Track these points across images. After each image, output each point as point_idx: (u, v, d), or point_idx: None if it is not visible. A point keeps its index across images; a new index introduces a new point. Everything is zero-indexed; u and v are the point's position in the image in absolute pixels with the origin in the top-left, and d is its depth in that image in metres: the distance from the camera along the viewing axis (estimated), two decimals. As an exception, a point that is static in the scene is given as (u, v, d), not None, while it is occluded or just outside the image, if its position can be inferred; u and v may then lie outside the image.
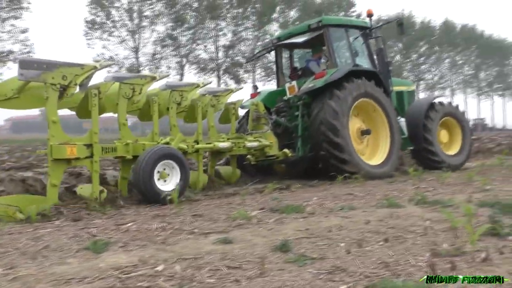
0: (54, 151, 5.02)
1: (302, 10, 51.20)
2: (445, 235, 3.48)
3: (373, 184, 7.07)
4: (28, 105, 5.92)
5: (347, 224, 3.92)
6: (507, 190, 5.90)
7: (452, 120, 10.00)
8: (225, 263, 2.84)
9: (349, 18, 9.65)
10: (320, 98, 7.99)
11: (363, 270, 2.66)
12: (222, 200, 5.83)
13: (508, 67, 76.86)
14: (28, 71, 4.88)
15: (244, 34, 49.39)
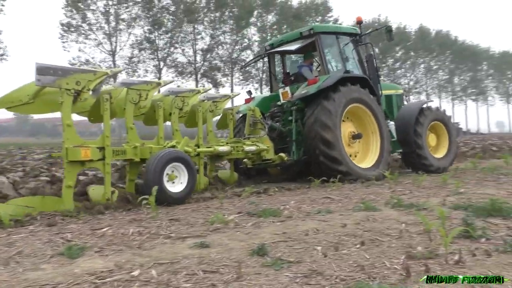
0: (69, 154, 5.21)
1: (280, 15, 51.44)
2: (420, 238, 3.53)
3: (350, 188, 7.12)
4: (42, 110, 6.09)
5: (324, 228, 3.94)
6: (480, 193, 6.01)
7: (440, 124, 10.35)
8: (202, 268, 2.83)
9: (339, 25, 10.12)
10: (313, 103, 8.19)
11: (339, 273, 2.68)
12: (199, 204, 5.80)
13: (481, 73, 78.42)
14: (45, 77, 5.07)
15: (222, 38, 49.39)
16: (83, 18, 41.85)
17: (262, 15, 52.03)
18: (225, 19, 48.75)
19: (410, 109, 10.08)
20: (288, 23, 51.39)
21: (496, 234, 3.55)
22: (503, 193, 5.92)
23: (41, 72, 5.05)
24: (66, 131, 5.30)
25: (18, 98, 5.55)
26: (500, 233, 3.61)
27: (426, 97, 68.34)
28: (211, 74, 48.32)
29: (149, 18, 43.87)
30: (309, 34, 8.95)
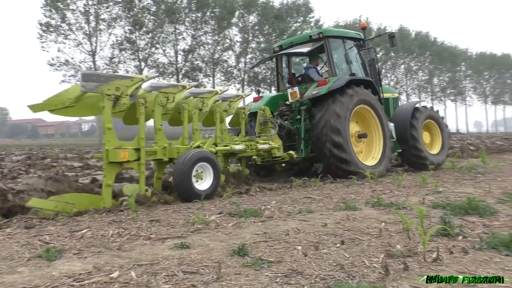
0: (110, 155, 5.55)
1: (262, 15, 51.52)
2: (399, 237, 3.57)
3: (331, 188, 7.16)
4: (82, 113, 6.45)
5: (305, 227, 3.96)
6: (458, 192, 6.10)
7: (432, 122, 10.89)
8: (182, 268, 2.82)
9: (345, 30, 10.56)
10: (323, 103, 8.56)
11: (319, 272, 2.69)
12: (180, 204, 5.77)
13: (459, 73, 79.56)
14: (89, 83, 5.42)
15: (203, 38, 49.27)
16: (62, 18, 41.29)
17: (244, 15, 52.05)
18: (207, 20, 48.65)
19: (405, 109, 10.50)
20: (270, 24, 51.49)
21: (473, 232, 3.61)
22: (480, 191, 6.03)
23: (85, 79, 5.43)
24: (107, 134, 5.63)
25: (60, 101, 5.77)
26: (477, 230, 3.68)
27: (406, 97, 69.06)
28: (192, 75, 48.13)
29: (130, 18, 43.51)
30: (318, 37, 9.33)
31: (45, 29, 41.04)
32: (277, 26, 51.60)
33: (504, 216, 4.27)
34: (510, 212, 4.42)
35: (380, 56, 63.27)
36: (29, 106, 5.94)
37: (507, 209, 4.60)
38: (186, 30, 47.99)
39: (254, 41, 53.28)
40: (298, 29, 54.08)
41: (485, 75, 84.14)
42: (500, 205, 4.86)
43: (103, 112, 5.59)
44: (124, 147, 5.74)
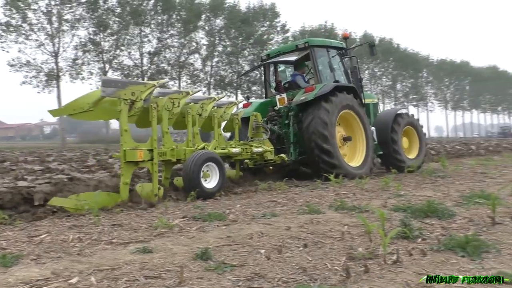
0: (127, 155, 5.94)
1: (228, 19, 51.52)
2: (361, 239, 3.63)
3: (295, 191, 7.21)
4: (100, 117, 6.94)
5: (269, 231, 3.97)
6: (419, 195, 6.24)
7: (411, 129, 11.49)
8: (144, 273, 2.79)
9: (329, 40, 11.28)
10: (310, 109, 9.04)
11: (282, 275, 2.70)
12: (143, 209, 5.69)
13: (421, 79, 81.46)
14: (108, 88, 5.86)
15: (169, 41, 48.86)
16: (23, 18, 40.16)
17: (210, 19, 51.92)
18: (173, 22, 48.29)
19: (387, 115, 11.12)
20: (236, 28, 51.52)
21: (432, 234, 3.70)
22: (439, 195, 6.18)
23: (105, 84, 5.89)
24: (124, 136, 6.02)
25: (79, 106, 6.10)
26: (435, 233, 3.77)
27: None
28: (158, 78, 47.62)
29: (94, 19, 42.73)
30: (304, 46, 9.88)
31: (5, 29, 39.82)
32: (243, 30, 51.67)
33: (461, 218, 4.39)
34: (467, 215, 4.55)
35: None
36: (49, 111, 6.32)
37: (464, 212, 4.73)
38: (152, 32, 47.50)
39: (220, 44, 53.22)
40: (265, 34, 54.37)
41: (446, 81, 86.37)
42: (458, 207, 4.99)
43: (120, 115, 6.00)
44: (140, 148, 6.15)
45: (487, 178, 8.52)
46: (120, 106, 6.01)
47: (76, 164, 11.40)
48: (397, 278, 2.62)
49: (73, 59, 42.26)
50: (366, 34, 67.50)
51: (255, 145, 8.64)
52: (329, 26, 61.95)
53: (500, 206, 4.73)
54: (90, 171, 9.17)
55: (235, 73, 53.35)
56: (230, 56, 52.96)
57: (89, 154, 18.15)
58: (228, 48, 53.03)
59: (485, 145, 24.03)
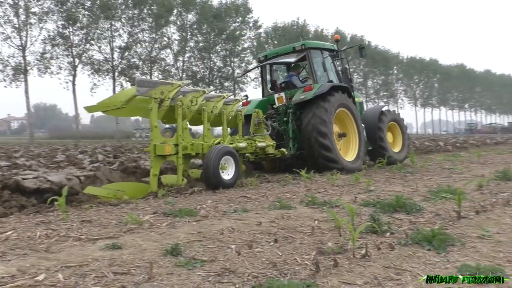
0: (157, 149, 6.54)
1: (200, 14, 51.19)
2: (330, 234, 3.67)
3: (267, 187, 7.24)
4: (131, 114, 7.53)
5: (240, 226, 3.97)
6: (388, 190, 6.35)
7: (395, 124, 12.30)
8: (112, 269, 2.75)
9: (323, 42, 11.91)
10: (309, 107, 9.64)
11: (252, 270, 2.71)
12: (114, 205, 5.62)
13: (391, 77, 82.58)
14: (142, 88, 6.43)
15: (140, 35, 48.23)
16: (-12, 10, 39.05)
17: (182, 14, 51.50)
18: (144, 17, 47.66)
19: (373, 112, 11.85)
20: (209, 23, 51.24)
21: (400, 228, 3.77)
22: (408, 190, 6.30)
23: (139, 84, 6.45)
24: (154, 131, 6.64)
25: (113, 103, 6.64)
26: (403, 227, 3.84)
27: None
28: (129, 73, 47.01)
29: (63, 12, 41.80)
30: (301, 49, 10.50)
31: (-32, 21, 38.64)
32: (215, 26, 51.45)
33: (428, 213, 4.48)
34: (434, 209, 4.65)
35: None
36: (85, 107, 6.86)
37: (431, 206, 4.83)
38: (123, 27, 46.76)
39: (192, 40, 52.86)
40: (237, 29, 54.22)
41: (415, 79, 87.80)
42: (426, 202, 5.10)
43: (150, 112, 6.54)
44: (167, 143, 6.76)
45: (454, 173, 8.72)
46: (151, 104, 6.57)
47: (45, 160, 11.17)
48: (366, 272, 2.66)
49: (41, 53, 41.28)
50: (338, 31, 67.97)
51: (258, 140, 9.18)
52: (301, 23, 62.13)
53: (466, 200, 4.85)
54: (59, 167, 9.00)
55: (207, 68, 53.09)
56: (202, 52, 52.65)
57: (58, 150, 17.83)
58: (200, 43, 52.72)
59: (452, 142, 24.57)
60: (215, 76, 53.14)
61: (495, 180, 7.16)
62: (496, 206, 4.76)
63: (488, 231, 3.60)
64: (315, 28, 64.39)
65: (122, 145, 23.24)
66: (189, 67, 52.54)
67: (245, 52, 55.84)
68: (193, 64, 52.99)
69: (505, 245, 3.22)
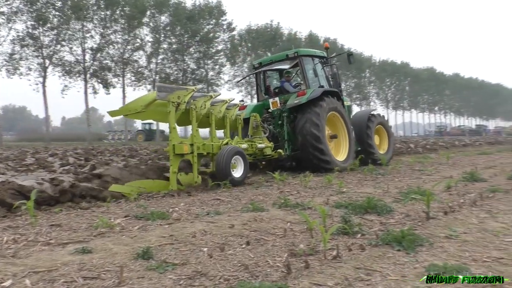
0: (176, 148, 7.14)
1: (174, 16, 50.91)
2: (303, 236, 3.69)
3: (240, 190, 7.23)
4: (150, 117, 7.99)
5: (212, 229, 3.97)
6: (360, 192, 6.42)
7: (382, 127, 13.02)
8: (82, 274, 2.71)
9: (313, 50, 12.36)
10: (303, 110, 10.23)
11: (224, 273, 2.71)
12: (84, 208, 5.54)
13: (364, 79, 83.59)
14: (161, 93, 7.08)
15: (113, 37, 47.65)
16: (-47, 9, 37.99)
17: (155, 15, 51.12)
18: (116, 18, 47.12)
19: (362, 116, 12.49)
20: (182, 25, 50.99)
21: (371, 229, 3.82)
22: (379, 191, 6.39)
23: (160, 90, 7.13)
24: (172, 132, 7.24)
25: (134, 108, 7.24)
26: (374, 228, 3.89)
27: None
28: (101, 74, 46.40)
29: (33, 13, 40.97)
30: (294, 56, 11.13)
31: None
32: (189, 28, 51.23)
33: (398, 214, 4.56)
34: (404, 210, 4.73)
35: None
36: (108, 112, 7.53)
37: (401, 208, 4.91)
38: (95, 28, 46.11)
39: (165, 41, 52.52)
40: (211, 31, 54.10)
41: (387, 81, 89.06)
42: (396, 203, 5.18)
43: (169, 115, 7.17)
44: (185, 143, 7.39)
45: (423, 175, 8.88)
46: (169, 107, 7.16)
47: (13, 163, 10.94)
48: (337, 273, 2.68)
49: (9, 53, 40.39)
50: (312, 34, 68.55)
51: (258, 142, 9.72)
52: (275, 26, 62.39)
53: (434, 201, 4.95)
54: (28, 170, 8.83)
55: (180, 70, 52.80)
56: (175, 54, 52.35)
57: (27, 153, 17.47)
58: (174, 45, 52.41)
59: (423, 144, 24.99)
60: (189, 78, 52.89)
61: (463, 181, 7.32)
62: (464, 207, 4.87)
63: (455, 231, 3.68)
64: (288, 31, 64.73)
65: (94, 148, 22.92)
66: (162, 69, 52.18)
67: (219, 54, 55.76)
68: (166, 66, 52.64)
69: (471, 245, 3.30)
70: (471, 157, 15.11)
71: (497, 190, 6.12)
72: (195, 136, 7.69)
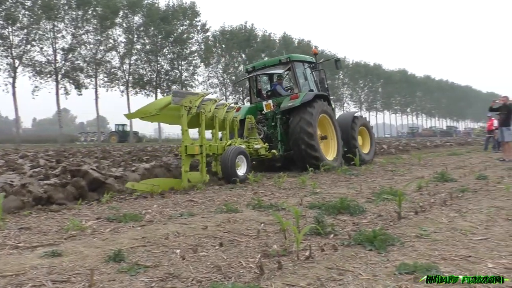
0: (188, 149, 7.76)
1: (147, 17, 50.47)
2: (276, 237, 3.69)
3: (214, 191, 7.21)
4: (163, 120, 8.70)
5: (185, 231, 3.94)
6: (334, 192, 6.47)
7: (364, 129, 13.74)
8: (51, 278, 2.66)
9: (304, 56, 12.94)
10: (296, 112, 10.76)
11: (196, 275, 2.69)
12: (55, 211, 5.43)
13: (338, 81, 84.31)
14: (176, 98, 7.66)
15: (85, 37, 46.96)
16: None
17: (128, 16, 50.61)
18: (88, 18, 46.46)
19: (347, 118, 13.24)
20: (156, 26, 50.59)
21: (343, 230, 3.85)
22: (352, 192, 6.45)
23: (175, 95, 7.73)
24: (184, 134, 7.82)
25: (148, 111, 7.77)
26: (347, 228, 3.93)
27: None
28: (73, 75, 45.68)
29: (1, 12, 40.06)
30: (286, 61, 11.71)
31: None
32: (163, 28, 50.87)
33: (371, 214, 4.61)
34: (376, 210, 4.79)
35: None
36: (125, 114, 8.43)
37: (374, 208, 4.97)
38: (66, 28, 45.38)
39: (139, 42, 52.02)
40: (185, 32, 53.82)
41: (360, 83, 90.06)
42: (369, 204, 5.24)
43: (181, 118, 7.74)
44: (195, 144, 8.00)
45: (396, 175, 9.01)
46: (182, 111, 7.72)
47: (-19, 165, 10.66)
48: (309, 273, 2.69)
49: (-23, 53, 39.43)
50: (286, 36, 68.81)
51: (254, 143, 10.33)
52: (249, 27, 62.44)
53: (406, 201, 5.03)
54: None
55: (154, 71, 52.38)
56: (149, 54, 51.91)
57: (-4, 155, 17.07)
58: (147, 46, 51.97)
59: (395, 145, 25.37)
60: (162, 79, 52.52)
61: (433, 181, 7.45)
62: (434, 206, 4.96)
63: (425, 231, 3.74)
64: (263, 32, 64.87)
65: (66, 149, 22.55)
66: (135, 70, 51.68)
67: (193, 55, 55.52)
68: (139, 67, 52.18)
69: (440, 243, 3.35)
70: (442, 158, 15.41)
71: (466, 190, 6.25)
72: (204, 138, 8.41)
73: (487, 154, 17.19)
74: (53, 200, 5.88)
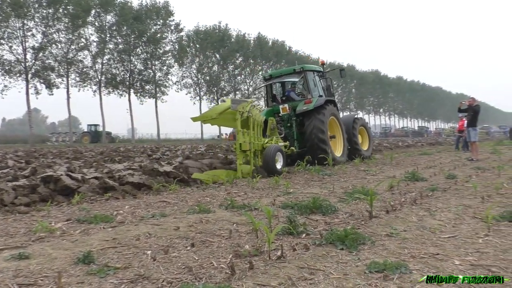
0: (242, 146, 9.49)
1: (120, 16, 49.83)
2: (248, 237, 3.69)
3: (187, 191, 7.17)
4: (221, 123, 10.64)
5: (157, 232, 3.90)
6: (307, 192, 6.50)
7: (363, 128, 15.39)
8: (18, 281, 2.60)
9: (314, 65, 14.67)
10: (310, 115, 12.43)
11: (167, 276, 2.67)
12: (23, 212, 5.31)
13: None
14: (234, 105, 9.45)
15: (55, 36, 46.02)
16: None
17: (101, 14, 49.84)
18: (60, 17, 45.54)
19: (348, 119, 14.85)
20: (129, 25, 50.00)
21: (315, 229, 3.87)
22: (325, 191, 6.49)
23: (233, 102, 9.57)
24: (239, 134, 9.52)
25: (210, 115, 9.46)
26: (319, 228, 3.95)
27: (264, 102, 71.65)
28: (44, 74, 44.75)
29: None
30: (300, 70, 13.45)
31: None
32: (136, 28, 50.30)
33: (343, 213, 4.65)
34: (348, 210, 4.83)
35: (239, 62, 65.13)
36: (191, 118, 9.71)
37: (346, 207, 5.01)
38: (36, 26, 44.39)
39: (112, 41, 51.33)
40: (158, 32, 53.33)
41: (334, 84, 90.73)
42: (341, 203, 5.28)
43: (237, 121, 9.48)
44: (247, 142, 9.58)
45: (368, 175, 9.11)
46: (237, 116, 9.48)
47: None
48: (280, 273, 2.70)
49: None
50: (260, 37, 68.84)
51: (278, 141, 11.59)
52: (223, 27, 62.30)
53: (377, 201, 5.09)
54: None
55: (127, 71, 51.76)
56: (122, 54, 51.27)
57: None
58: (120, 45, 51.31)
59: (368, 145, 25.58)
60: (136, 79, 51.94)
61: (404, 180, 7.56)
62: (405, 205, 5.03)
63: (396, 229, 3.79)
64: (237, 32, 64.78)
65: (37, 150, 22.11)
66: (108, 69, 50.93)
67: (167, 55, 55.06)
68: (112, 67, 51.41)
69: (410, 242, 3.40)
70: (413, 158, 15.66)
71: (436, 189, 6.37)
72: (252, 137, 9.86)
73: (457, 154, 17.54)
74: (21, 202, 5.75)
